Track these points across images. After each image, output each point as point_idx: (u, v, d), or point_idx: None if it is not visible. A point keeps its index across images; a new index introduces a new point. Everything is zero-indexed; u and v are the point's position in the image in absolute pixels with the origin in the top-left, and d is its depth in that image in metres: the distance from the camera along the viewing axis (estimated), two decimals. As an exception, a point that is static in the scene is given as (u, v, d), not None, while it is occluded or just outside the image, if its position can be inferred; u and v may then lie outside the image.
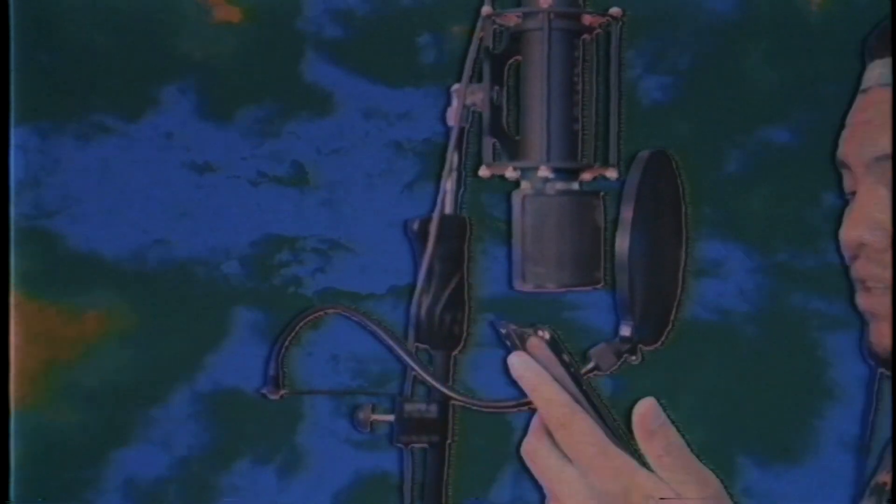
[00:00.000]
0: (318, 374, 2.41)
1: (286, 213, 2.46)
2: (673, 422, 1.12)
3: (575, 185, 1.23)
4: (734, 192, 2.31)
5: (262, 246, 2.47)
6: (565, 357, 1.12)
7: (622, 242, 1.16)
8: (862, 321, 1.30)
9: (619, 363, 1.19)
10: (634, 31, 2.08)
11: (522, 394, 1.12)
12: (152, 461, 2.42)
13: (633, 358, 1.20)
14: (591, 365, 1.19)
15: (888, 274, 1.26)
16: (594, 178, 1.25)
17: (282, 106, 2.45)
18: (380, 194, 2.47)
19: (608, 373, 1.20)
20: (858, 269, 1.29)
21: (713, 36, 2.36)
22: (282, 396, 1.23)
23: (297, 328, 1.22)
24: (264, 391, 1.23)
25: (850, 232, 1.29)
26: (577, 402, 1.11)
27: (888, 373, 1.30)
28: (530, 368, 1.12)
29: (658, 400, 1.12)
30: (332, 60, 2.45)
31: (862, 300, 1.29)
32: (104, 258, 2.43)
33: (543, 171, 1.21)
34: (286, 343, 1.22)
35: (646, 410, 1.11)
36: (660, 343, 1.22)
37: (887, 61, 1.28)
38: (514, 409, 1.20)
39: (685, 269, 1.25)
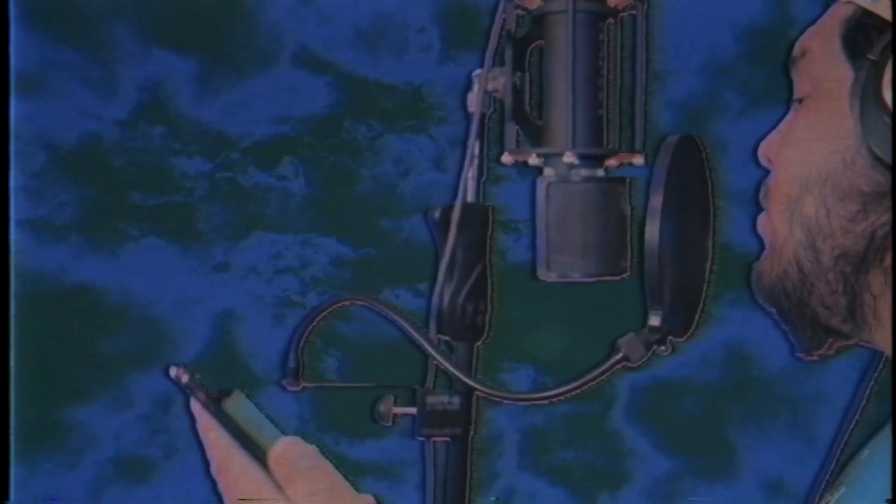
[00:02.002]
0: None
1: (280, 212, 2.46)
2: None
3: (600, 172, 1.23)
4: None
5: (254, 246, 2.47)
6: (200, 395, 1.14)
7: (652, 230, 1.16)
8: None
9: (648, 354, 1.20)
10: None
11: None
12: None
13: (663, 349, 1.20)
14: (619, 355, 1.20)
15: (779, 206, 1.23)
16: (620, 165, 1.25)
17: (275, 100, 2.46)
18: (376, 191, 2.47)
19: (638, 364, 1.20)
20: (764, 187, 1.27)
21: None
22: (302, 389, 1.23)
23: (318, 320, 1.22)
24: (284, 384, 1.23)
25: (760, 147, 1.27)
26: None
27: (769, 308, 1.26)
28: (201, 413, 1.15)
29: None
30: (328, 50, 2.46)
31: (760, 221, 1.27)
32: (86, 255, 2.44)
33: (568, 158, 1.21)
34: (306, 335, 1.22)
35: (282, 452, 1.12)
36: (689, 334, 1.23)
37: None
38: (539, 402, 1.21)
39: (713, 258, 1.26)
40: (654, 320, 1.19)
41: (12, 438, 2.32)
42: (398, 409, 1.23)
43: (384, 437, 2.44)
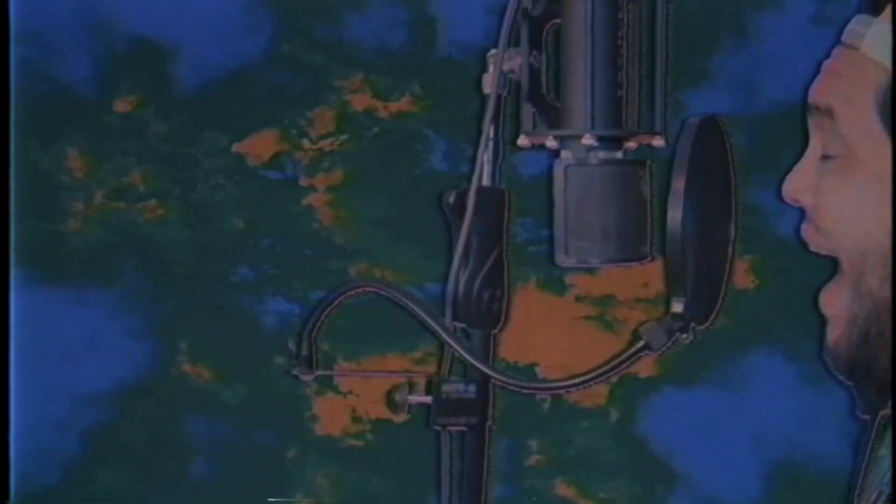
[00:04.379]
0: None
1: (272, 210, 2.47)
2: None
3: (619, 154, 1.24)
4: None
5: (244, 245, 2.48)
6: None
7: (674, 214, 1.18)
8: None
9: (670, 342, 1.22)
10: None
11: None
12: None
13: (685, 336, 1.22)
14: (641, 343, 1.22)
15: (829, 245, 1.27)
16: (639, 147, 1.27)
17: (268, 94, 2.47)
18: (372, 189, 2.48)
19: (659, 352, 1.22)
20: (803, 231, 1.30)
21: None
22: (315, 378, 1.25)
23: (331, 307, 1.24)
24: (296, 372, 1.25)
25: (785, 186, 1.30)
26: None
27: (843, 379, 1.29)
28: None
29: None
30: (322, 40, 2.47)
31: (821, 296, 1.30)
32: (73, 256, 2.45)
33: (587, 140, 1.23)
34: (319, 322, 1.24)
35: None
36: (710, 321, 1.25)
37: (859, 20, 1.28)
38: (559, 391, 1.23)
39: (735, 242, 1.28)
40: (677, 307, 1.21)
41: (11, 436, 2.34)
42: (413, 398, 1.25)
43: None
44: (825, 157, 1.27)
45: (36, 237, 2.43)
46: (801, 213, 1.30)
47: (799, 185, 1.28)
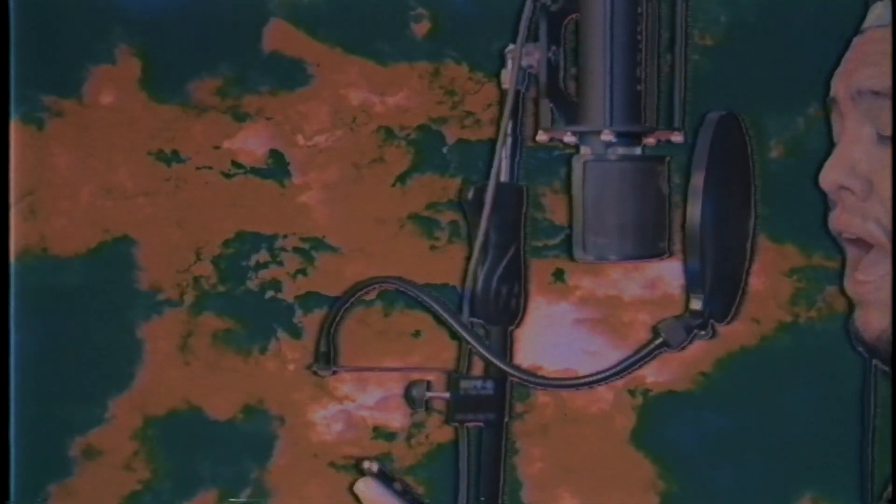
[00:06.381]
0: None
1: (264, 209, 2.51)
2: None
3: (638, 150, 1.29)
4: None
5: (236, 245, 2.51)
6: (396, 486, 1.28)
7: (693, 211, 1.23)
8: (849, 304, 1.34)
9: (689, 339, 1.27)
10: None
11: None
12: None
13: (703, 333, 1.27)
14: (659, 340, 1.27)
15: (869, 228, 1.30)
16: (658, 143, 1.32)
17: (261, 89, 2.50)
18: (368, 187, 2.52)
19: (678, 349, 1.27)
20: (835, 220, 1.33)
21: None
22: (334, 373, 1.30)
23: (350, 302, 1.29)
24: (315, 368, 1.30)
25: (827, 175, 1.31)
26: None
27: (882, 365, 1.33)
28: (371, 489, 1.28)
29: None
30: (314, 34, 2.51)
31: (848, 284, 1.33)
32: (61, 255, 2.48)
33: (605, 136, 1.28)
34: (338, 318, 1.28)
35: None
36: (729, 318, 1.30)
37: (887, 2, 1.33)
38: (576, 387, 1.28)
39: (754, 239, 1.33)
40: (696, 304, 1.26)
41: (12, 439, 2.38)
42: (431, 394, 1.30)
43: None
44: (882, 138, 1.30)
45: (25, 237, 2.46)
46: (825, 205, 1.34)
47: (842, 170, 1.31)
